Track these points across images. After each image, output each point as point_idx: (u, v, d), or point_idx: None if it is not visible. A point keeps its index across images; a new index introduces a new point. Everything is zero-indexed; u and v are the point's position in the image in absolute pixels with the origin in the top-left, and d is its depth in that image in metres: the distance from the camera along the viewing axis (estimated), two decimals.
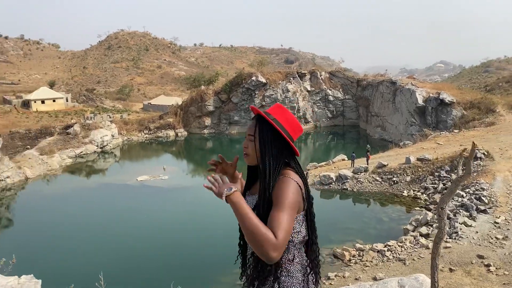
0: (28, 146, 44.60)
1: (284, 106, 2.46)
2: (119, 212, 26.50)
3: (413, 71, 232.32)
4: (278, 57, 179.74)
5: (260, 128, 2.33)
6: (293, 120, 2.39)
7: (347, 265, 17.19)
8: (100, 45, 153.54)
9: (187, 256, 18.55)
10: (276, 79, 60.36)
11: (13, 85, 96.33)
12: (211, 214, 23.47)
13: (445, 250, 15.19)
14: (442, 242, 4.06)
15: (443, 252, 15.05)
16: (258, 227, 2.03)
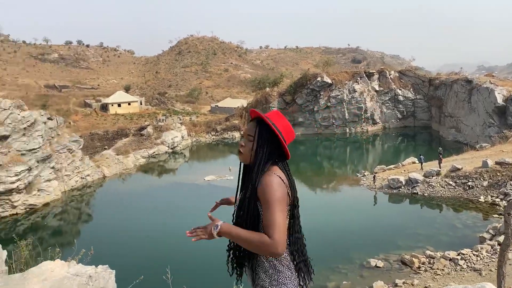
0: (105, 147, 47.90)
1: (280, 112, 2.59)
2: (187, 210, 27.57)
3: (492, 68, 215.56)
4: (344, 57, 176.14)
5: (259, 130, 2.46)
6: (288, 126, 2.53)
7: (416, 273, 16.45)
8: (171, 50, 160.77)
9: None
10: (342, 79, 59.20)
11: (93, 89, 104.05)
12: None
13: None
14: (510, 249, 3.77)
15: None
16: (251, 238, 2.21)
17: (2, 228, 26.21)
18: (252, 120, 2.54)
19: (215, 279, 9.26)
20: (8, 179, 26.72)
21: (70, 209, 30.70)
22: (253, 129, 2.47)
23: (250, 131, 2.47)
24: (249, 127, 2.50)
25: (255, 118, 2.53)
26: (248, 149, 2.46)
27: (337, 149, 52.41)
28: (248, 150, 2.46)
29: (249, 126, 2.51)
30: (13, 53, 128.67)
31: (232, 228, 2.30)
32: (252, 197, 2.35)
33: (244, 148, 2.48)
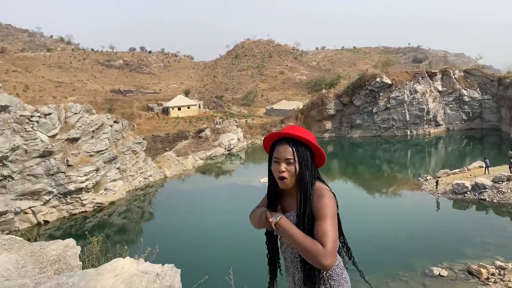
0: (167, 148, 49.84)
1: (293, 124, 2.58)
2: (244, 211, 27.89)
3: None
4: (405, 56, 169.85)
5: (297, 150, 2.41)
6: (311, 134, 2.54)
7: (485, 284, 15.48)
8: (228, 54, 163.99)
9: None
10: (403, 79, 57.07)
11: (155, 93, 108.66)
12: None
13: None
14: None
15: None
16: (307, 241, 2.22)
17: (73, 225, 28.10)
18: (279, 142, 2.46)
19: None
20: (78, 179, 28.61)
21: (133, 208, 32.25)
22: (289, 151, 2.40)
23: (288, 154, 2.39)
24: (282, 151, 2.41)
25: (282, 140, 2.45)
26: (291, 173, 2.40)
27: (397, 152, 50.58)
28: (291, 174, 2.40)
29: (282, 150, 2.41)
30: (83, 60, 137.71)
31: (289, 225, 2.34)
32: (308, 215, 2.37)
33: (287, 173, 2.40)
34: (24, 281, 4.28)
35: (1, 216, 25.33)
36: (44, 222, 27.72)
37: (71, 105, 31.05)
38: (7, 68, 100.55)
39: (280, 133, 2.47)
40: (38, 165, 27.22)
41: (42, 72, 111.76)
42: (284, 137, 2.46)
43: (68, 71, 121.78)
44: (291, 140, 2.44)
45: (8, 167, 25.67)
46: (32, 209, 27.11)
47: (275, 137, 2.50)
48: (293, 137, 2.45)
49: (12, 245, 5.57)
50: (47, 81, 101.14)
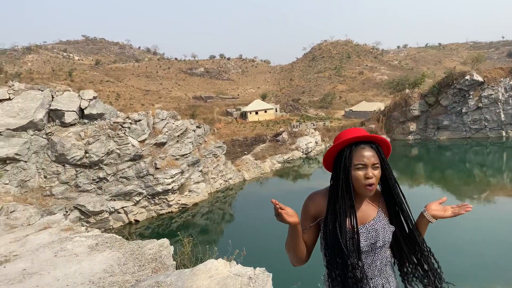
0: (245, 152, 50.92)
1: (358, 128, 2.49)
2: None
3: None
4: (498, 51, 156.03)
5: (380, 153, 2.37)
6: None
7: None
8: (305, 57, 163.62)
9: None
10: (497, 76, 52.36)
11: (234, 99, 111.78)
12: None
13: None
14: None
15: None
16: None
17: (160, 224, 29.81)
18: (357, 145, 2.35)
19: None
20: (165, 181, 30.32)
21: (215, 209, 33.37)
22: (375, 156, 2.33)
23: (374, 159, 2.31)
24: (368, 155, 2.31)
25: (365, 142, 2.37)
26: (377, 179, 2.32)
27: (490, 155, 46.52)
28: (377, 180, 2.32)
29: (368, 154, 2.32)
30: (167, 69, 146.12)
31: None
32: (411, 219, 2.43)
33: (373, 179, 2.30)
34: (126, 277, 4.60)
35: (98, 215, 27.70)
36: (134, 222, 29.79)
37: (158, 112, 33.04)
38: (102, 79, 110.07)
39: (361, 136, 2.37)
40: (130, 168, 29.34)
41: (131, 81, 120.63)
42: (363, 141, 2.37)
43: (154, 79, 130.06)
44: (370, 143, 2.37)
45: (104, 170, 28.01)
46: (124, 209, 29.27)
47: (349, 142, 2.37)
48: (373, 140, 2.39)
49: (113, 243, 6.05)
50: (136, 89, 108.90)
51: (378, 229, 2.33)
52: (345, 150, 2.35)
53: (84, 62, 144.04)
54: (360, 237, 2.31)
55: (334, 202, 2.36)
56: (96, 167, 27.71)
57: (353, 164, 2.30)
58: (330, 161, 2.48)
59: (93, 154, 26.97)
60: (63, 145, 25.03)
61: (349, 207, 2.32)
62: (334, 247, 2.32)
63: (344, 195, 2.32)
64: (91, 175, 27.50)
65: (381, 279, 2.40)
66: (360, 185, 2.29)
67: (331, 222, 2.35)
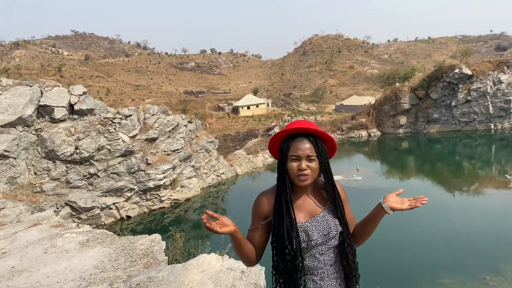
0: (237, 147, 50.93)
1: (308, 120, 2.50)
2: None
3: None
4: (486, 44, 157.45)
5: (318, 146, 2.35)
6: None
7: None
8: (295, 51, 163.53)
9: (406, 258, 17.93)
10: (485, 69, 52.79)
11: (225, 94, 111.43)
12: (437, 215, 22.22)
13: None
14: None
15: None
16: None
17: (153, 220, 29.73)
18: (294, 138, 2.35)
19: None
20: (157, 176, 30.21)
21: (208, 204, 33.35)
22: (311, 148, 2.32)
23: (310, 151, 2.30)
24: (302, 147, 2.30)
25: (298, 135, 2.35)
26: (313, 170, 2.32)
27: (479, 147, 47.03)
28: (313, 171, 2.32)
29: (302, 146, 2.31)
30: (158, 64, 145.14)
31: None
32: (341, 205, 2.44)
33: (309, 170, 2.30)
34: (117, 273, 4.57)
35: (89, 211, 27.52)
36: (126, 217, 29.67)
37: (149, 107, 32.84)
38: (91, 74, 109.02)
39: (296, 128, 2.35)
40: (120, 164, 29.16)
41: (121, 77, 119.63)
42: (299, 133, 2.36)
43: (145, 74, 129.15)
44: (308, 135, 2.35)
45: (94, 166, 27.81)
46: (115, 205, 29.12)
47: (286, 133, 2.37)
48: (310, 132, 2.38)
49: (104, 239, 6.00)
50: (126, 84, 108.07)
51: (329, 220, 2.36)
52: (286, 140, 2.37)
53: (74, 58, 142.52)
54: (313, 231, 2.32)
55: (280, 196, 2.37)
56: (87, 163, 27.49)
57: (288, 155, 2.32)
58: (274, 151, 2.53)
59: (84, 150, 26.75)
60: (53, 141, 24.79)
61: (288, 198, 2.34)
62: (278, 242, 2.34)
63: (283, 188, 2.35)
64: (82, 171, 27.29)
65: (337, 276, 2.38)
66: (294, 176, 2.31)
67: (277, 218, 2.37)
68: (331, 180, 2.41)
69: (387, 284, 14.62)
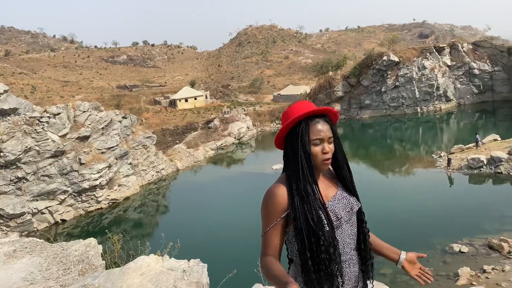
0: (177, 141, 49.93)
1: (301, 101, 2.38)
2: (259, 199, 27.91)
3: None
4: (410, 32, 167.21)
5: (333, 126, 2.28)
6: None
7: (507, 258, 15.29)
8: (231, 42, 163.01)
9: None
10: (410, 56, 56.11)
11: (161, 87, 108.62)
12: None
13: None
14: None
15: None
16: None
17: (90, 222, 28.39)
18: (311, 120, 2.22)
19: None
20: (92, 176, 28.82)
21: (148, 202, 32.47)
22: (328, 128, 2.22)
23: (329, 132, 2.21)
24: (323, 129, 2.20)
25: (320, 116, 2.24)
26: (332, 152, 2.24)
27: (408, 130, 50.08)
28: (332, 153, 2.24)
29: (322, 128, 2.20)
30: (87, 58, 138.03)
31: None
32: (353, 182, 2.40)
33: (331, 153, 2.23)
34: (49, 284, 4.24)
35: (19, 218, 25.66)
36: (61, 221, 28.07)
37: (79, 104, 31.14)
38: (13, 71, 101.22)
39: (317, 109, 2.23)
40: (51, 165, 27.44)
41: (48, 73, 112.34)
42: (315, 115, 2.23)
43: (73, 70, 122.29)
44: (323, 116, 2.26)
45: (22, 169, 25.92)
46: (48, 209, 27.42)
47: (305, 115, 2.21)
48: (326, 112, 2.28)
49: (33, 248, 5.56)
50: (54, 81, 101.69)
51: (347, 196, 2.31)
52: (301, 125, 2.21)
53: None
54: (339, 208, 2.22)
55: (297, 184, 2.17)
56: (13, 166, 25.55)
57: (310, 139, 2.19)
58: (282, 140, 2.36)
59: (9, 153, 24.82)
60: None
61: (313, 184, 2.18)
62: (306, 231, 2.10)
63: (305, 174, 2.16)
64: (8, 175, 25.32)
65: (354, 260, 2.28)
66: (318, 161, 2.20)
67: (299, 208, 2.14)
68: (346, 162, 2.37)
69: None
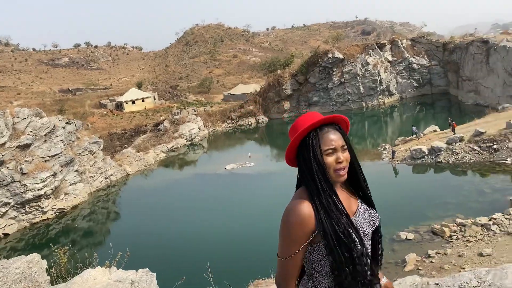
0: (125, 145, 48.51)
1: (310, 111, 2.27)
2: (212, 201, 27.77)
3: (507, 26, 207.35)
4: (353, 30, 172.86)
5: (344, 134, 2.15)
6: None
7: (448, 242, 16.28)
8: (178, 42, 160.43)
9: None
10: (354, 53, 58.10)
11: (106, 89, 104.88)
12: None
13: None
14: None
15: None
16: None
17: (36, 234, 26.95)
18: (321, 130, 2.10)
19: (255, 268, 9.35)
20: (35, 186, 27.36)
21: (98, 209, 31.33)
22: (340, 136, 2.10)
23: (341, 141, 2.09)
24: (335, 138, 2.07)
25: (329, 124, 2.13)
26: (348, 162, 2.10)
27: (354, 124, 51.85)
28: (347, 162, 2.10)
29: (334, 137, 2.08)
30: (24, 61, 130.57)
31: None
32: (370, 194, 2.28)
33: (346, 162, 2.08)
34: None
35: None
36: (3, 236, 26.42)
37: (18, 110, 29.43)
38: None
39: (325, 118, 2.11)
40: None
41: None
42: (326, 123, 2.13)
43: (10, 74, 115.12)
44: (333, 124, 2.15)
45: None
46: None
47: (314, 126, 2.10)
48: (335, 120, 2.16)
49: None
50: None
51: (368, 210, 2.22)
52: (310, 136, 2.10)
53: None
54: (364, 223, 2.12)
55: (319, 199, 2.01)
56: None
57: (322, 150, 2.07)
58: (293, 155, 2.20)
59: None
60: None
61: (334, 197, 2.03)
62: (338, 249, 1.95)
63: (324, 188, 2.02)
64: None
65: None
66: (332, 172, 2.06)
67: (328, 225, 1.97)
68: (360, 169, 2.21)
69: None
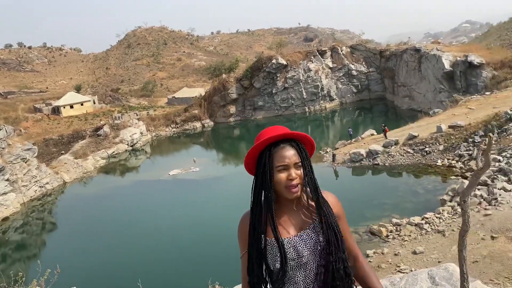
0: (62, 152, 46.09)
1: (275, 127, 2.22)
2: (155, 209, 27.12)
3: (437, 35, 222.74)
4: (296, 36, 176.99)
5: (301, 151, 2.12)
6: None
7: (385, 241, 17.05)
8: (120, 44, 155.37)
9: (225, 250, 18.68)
10: (297, 59, 59.56)
11: (42, 93, 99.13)
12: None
13: (486, 218, 14.83)
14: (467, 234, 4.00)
15: (484, 220, 14.70)
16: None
17: None
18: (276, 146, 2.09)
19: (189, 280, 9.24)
20: None
21: (32, 221, 29.50)
22: (296, 154, 2.08)
23: (295, 158, 2.07)
24: (289, 154, 2.06)
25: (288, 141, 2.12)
26: (301, 179, 2.08)
27: (298, 129, 52.95)
28: (301, 179, 2.08)
29: (288, 153, 2.07)
30: None
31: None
32: (334, 219, 2.15)
33: (298, 179, 2.06)
34: None
35: None
36: None
37: None
38: None
39: (279, 135, 2.10)
40: None
41: None
42: (282, 139, 2.11)
43: None
44: (290, 141, 2.12)
45: None
46: None
47: (266, 143, 2.09)
48: (293, 137, 2.14)
49: None
50: None
51: (319, 231, 2.11)
52: (265, 151, 2.09)
53: None
54: (302, 246, 2.07)
55: (253, 213, 2.11)
56: None
57: (274, 166, 2.06)
58: (252, 165, 2.18)
59: None
60: None
61: (269, 215, 2.06)
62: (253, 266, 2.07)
63: (261, 202, 2.08)
64: None
65: None
66: (282, 189, 2.06)
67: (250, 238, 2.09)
68: (316, 189, 2.14)
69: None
